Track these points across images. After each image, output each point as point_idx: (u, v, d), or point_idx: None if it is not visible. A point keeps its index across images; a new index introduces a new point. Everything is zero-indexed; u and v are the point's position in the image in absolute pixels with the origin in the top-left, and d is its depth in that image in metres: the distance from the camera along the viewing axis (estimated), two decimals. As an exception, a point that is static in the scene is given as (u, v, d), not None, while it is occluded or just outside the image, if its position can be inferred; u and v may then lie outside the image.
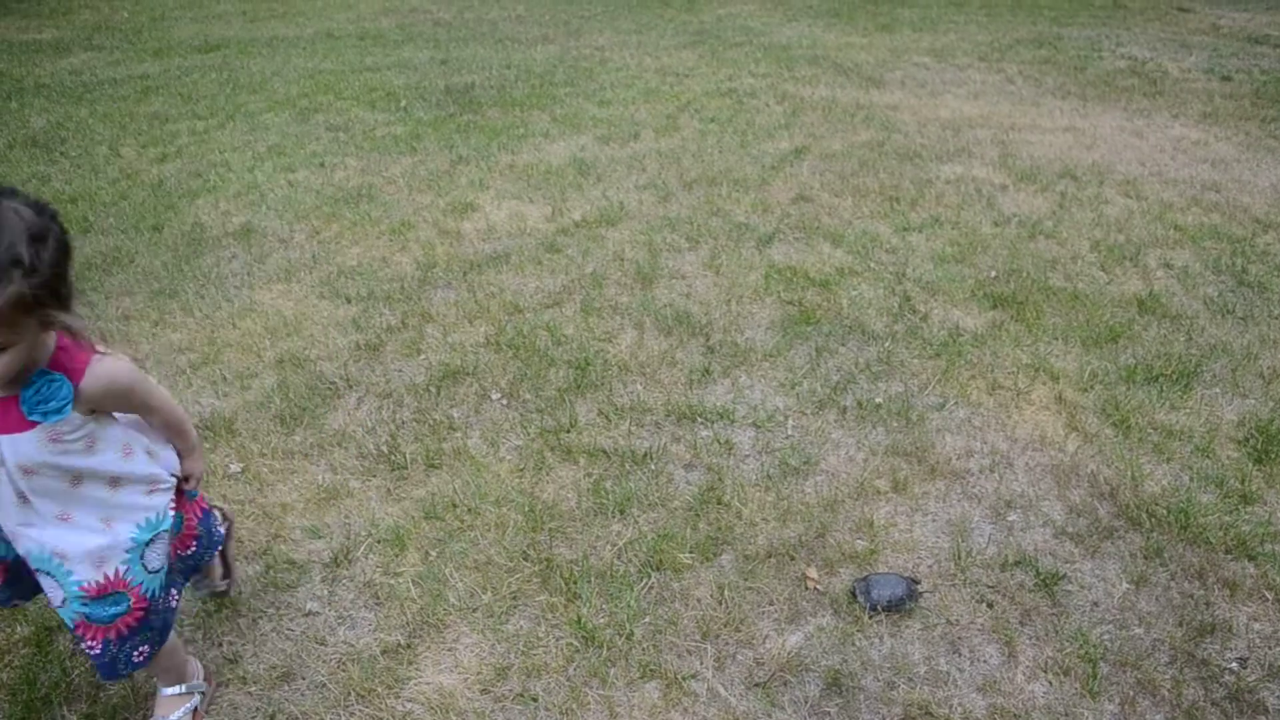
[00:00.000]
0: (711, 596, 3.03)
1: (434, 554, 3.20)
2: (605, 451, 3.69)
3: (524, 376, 4.18)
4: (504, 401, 4.03)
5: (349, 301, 4.93)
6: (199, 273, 5.31)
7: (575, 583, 3.07)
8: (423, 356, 4.38)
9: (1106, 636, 2.96)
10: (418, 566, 3.15)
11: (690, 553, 3.19)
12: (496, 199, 6.34)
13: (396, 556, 3.20)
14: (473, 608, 2.99)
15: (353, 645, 2.87)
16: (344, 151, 7.55)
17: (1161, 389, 4.17)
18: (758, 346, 4.43)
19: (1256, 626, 3.04)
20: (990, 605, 3.03)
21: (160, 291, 5.09)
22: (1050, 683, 2.79)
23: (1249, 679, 2.86)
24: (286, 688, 2.74)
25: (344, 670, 2.78)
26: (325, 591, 3.08)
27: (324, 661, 2.82)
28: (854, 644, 2.88)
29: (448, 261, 5.36)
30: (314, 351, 4.44)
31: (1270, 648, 2.97)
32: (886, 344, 4.42)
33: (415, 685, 2.74)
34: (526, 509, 3.38)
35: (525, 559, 3.17)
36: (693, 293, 4.97)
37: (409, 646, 2.86)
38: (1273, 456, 3.80)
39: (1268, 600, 3.13)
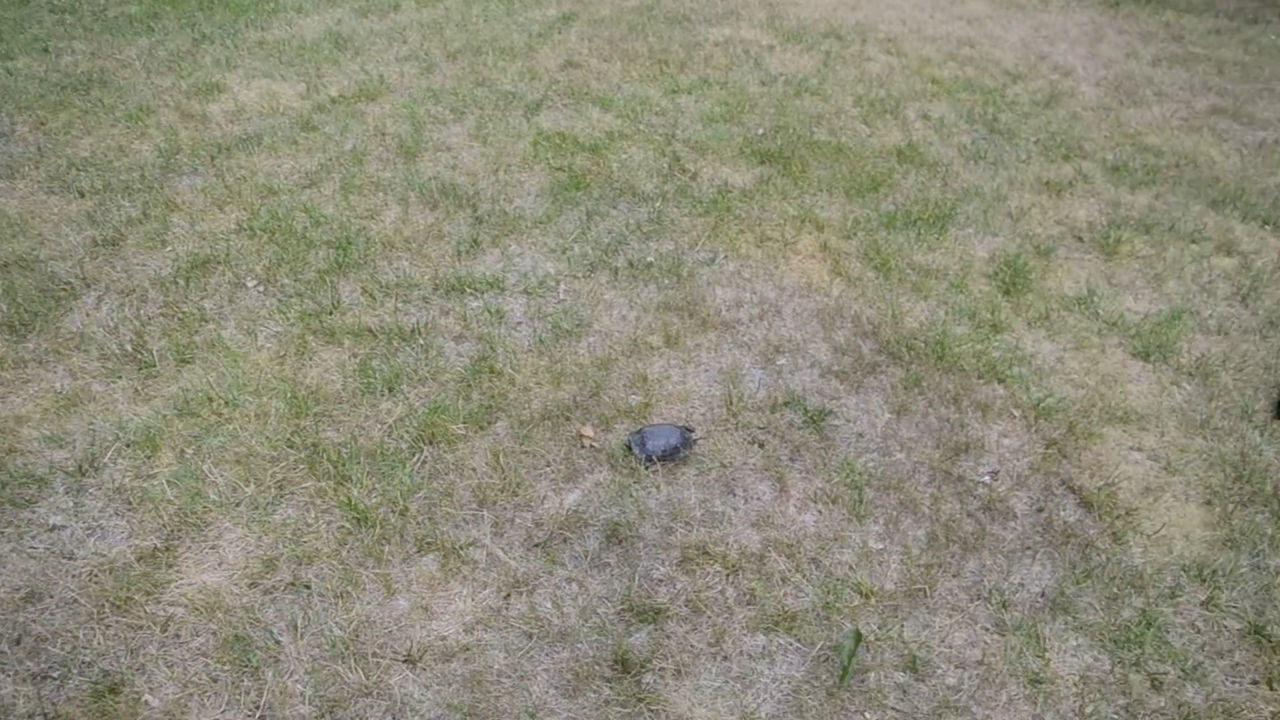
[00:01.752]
0: (487, 464, 2.97)
1: (190, 451, 3.01)
2: (371, 330, 3.54)
3: (281, 261, 3.94)
4: (260, 288, 3.79)
5: (82, 195, 4.51)
6: (-98, 175, 4.75)
7: (344, 465, 2.95)
8: (169, 248, 4.06)
9: (871, 464, 3.08)
10: (173, 466, 2.95)
11: (463, 423, 3.11)
12: (245, 78, 5.90)
13: (149, 458, 2.99)
14: (235, 502, 2.83)
15: (105, 555, 2.68)
16: (70, 35, 6.86)
17: (919, 232, 4.31)
18: (527, 214, 4.32)
19: (1006, 442, 3.23)
20: (762, 445, 3.10)
21: None
22: (820, 512, 2.89)
23: (1000, 490, 3.04)
24: (32, 609, 2.53)
25: (96, 582, 2.59)
26: (70, 503, 2.85)
27: (73, 576, 2.62)
28: (631, 495, 2.89)
29: (193, 146, 4.97)
30: (44, 251, 4.05)
31: (1018, 460, 3.17)
32: (657, 204, 4.39)
33: (177, 588, 2.58)
34: (289, 396, 3.21)
35: (290, 446, 3.02)
36: (459, 164, 4.79)
37: (167, 549, 2.69)
38: (1019, 288, 4.01)
39: (1015, 417, 3.33)
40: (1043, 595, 2.78)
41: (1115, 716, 2.49)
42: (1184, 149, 5.73)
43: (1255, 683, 2.63)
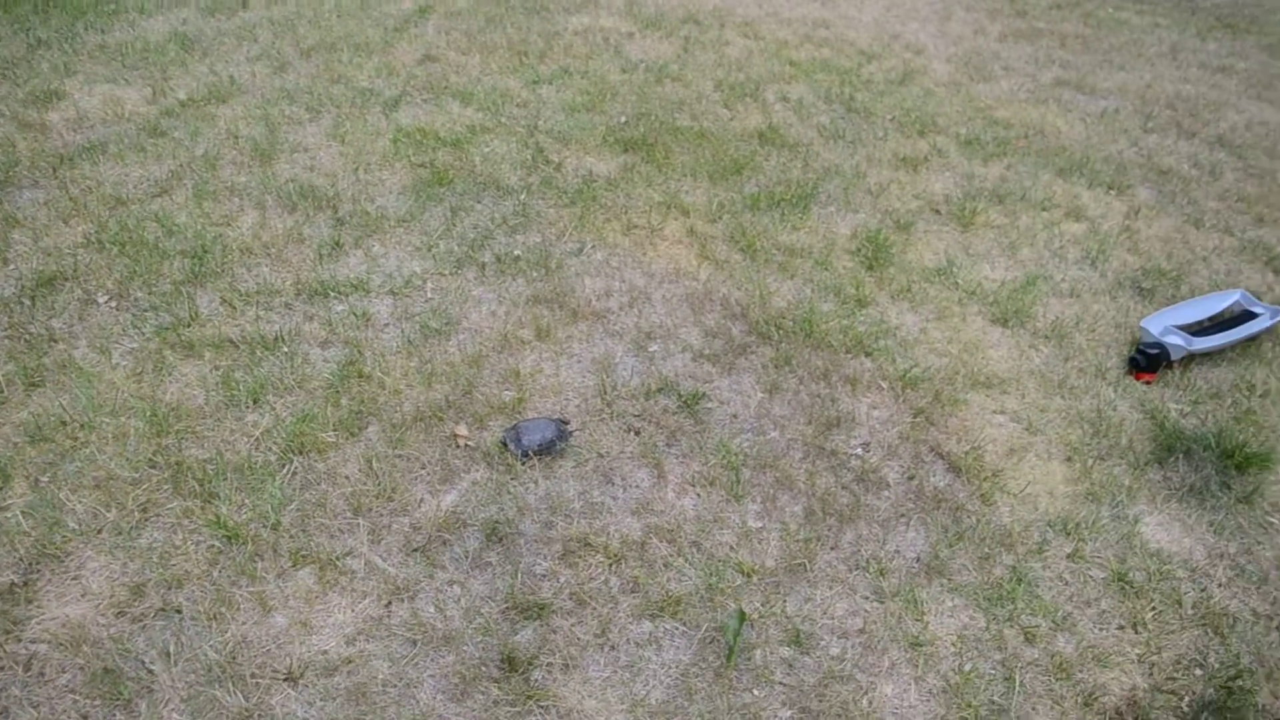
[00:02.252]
0: (360, 471, 2.91)
1: (45, 479, 2.87)
2: (232, 341, 3.42)
3: (134, 274, 3.78)
4: (113, 304, 3.63)
5: (-89, 215, 4.26)
6: None
7: (210, 482, 2.85)
8: (11, 266, 3.86)
9: (746, 444, 3.12)
10: (27, 496, 2.81)
11: (334, 431, 3.04)
12: (86, 84, 5.63)
13: (0, 489, 2.84)
14: (97, 529, 2.71)
15: (-44, 596, 2.54)
16: (-112, 46, 6.45)
17: (783, 212, 4.39)
18: (390, 213, 4.23)
19: (875, 413, 3.32)
20: (638, 433, 3.11)
21: None
22: (699, 495, 2.92)
23: (872, 460, 3.12)
24: (-122, 656, 2.39)
25: (-51, 624, 2.46)
26: (-84, 542, 2.70)
27: (-77, 619, 2.48)
28: (509, 492, 2.87)
29: (33, 158, 4.72)
30: (-128, 277, 3.81)
31: (888, 430, 3.26)
32: (522, 197, 4.35)
33: (39, 624, 2.46)
34: (148, 414, 3.09)
35: (152, 467, 2.91)
36: (317, 165, 4.66)
37: (26, 584, 2.57)
38: (882, 262, 4.11)
39: (884, 389, 3.42)
40: (918, 560, 2.86)
41: (992, 672, 2.58)
42: (1032, 120, 5.95)
43: (1121, 627, 2.76)
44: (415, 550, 2.69)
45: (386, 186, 4.47)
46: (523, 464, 2.94)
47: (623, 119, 5.22)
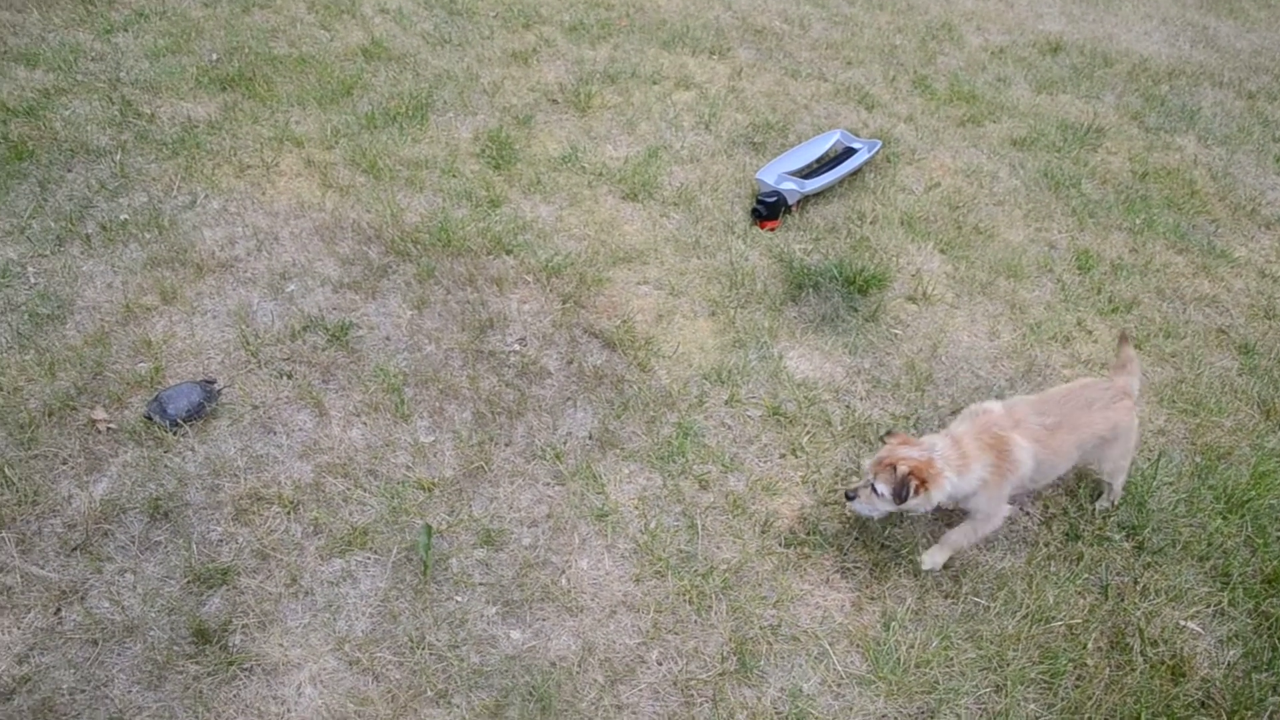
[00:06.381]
0: (-9, 484, 2.67)
1: None
2: None
3: None
4: None
5: None
6: None
7: None
8: None
9: (404, 363, 3.12)
10: None
11: (-48, 451, 2.76)
12: None
13: None
14: None
15: None
16: None
17: (401, 127, 4.31)
18: (-35, 201, 3.80)
19: (525, 307, 3.40)
20: (290, 376, 3.02)
21: None
22: (365, 424, 2.90)
23: (530, 353, 3.21)
24: None
25: None
26: None
27: None
28: (166, 466, 2.72)
29: None
30: None
31: (541, 320, 3.35)
32: (117, 157, 4.00)
33: None
34: None
35: None
36: None
37: None
38: (508, 160, 4.16)
39: (529, 283, 3.50)
40: (590, 437, 3.00)
41: (675, 524, 2.77)
42: (630, -2, 6.14)
43: (783, 456, 3.03)
44: (75, 549, 2.52)
45: (-47, 173, 3.99)
46: (174, 434, 2.80)
47: (214, 57, 4.89)
